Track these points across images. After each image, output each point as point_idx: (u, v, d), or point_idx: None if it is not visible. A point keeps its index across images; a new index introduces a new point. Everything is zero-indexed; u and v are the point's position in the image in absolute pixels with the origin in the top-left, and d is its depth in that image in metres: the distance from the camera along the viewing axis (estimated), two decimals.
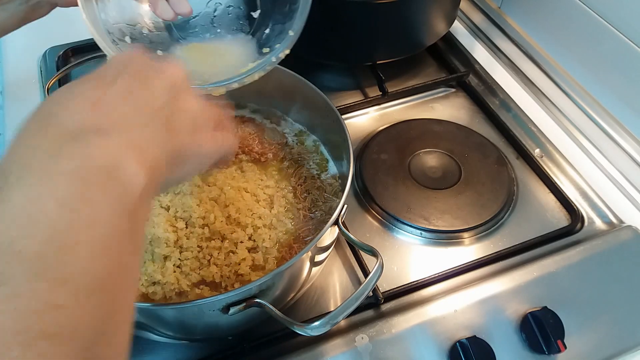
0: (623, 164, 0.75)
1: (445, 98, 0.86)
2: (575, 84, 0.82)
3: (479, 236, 0.67)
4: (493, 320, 0.57)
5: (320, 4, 0.54)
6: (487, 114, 0.82)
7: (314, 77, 0.65)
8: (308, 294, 0.61)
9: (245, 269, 0.54)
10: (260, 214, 0.59)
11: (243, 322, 0.53)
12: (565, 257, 0.62)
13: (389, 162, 0.73)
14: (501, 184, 0.71)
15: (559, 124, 0.81)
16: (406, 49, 0.85)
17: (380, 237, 0.67)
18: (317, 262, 0.57)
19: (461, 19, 0.99)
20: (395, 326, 0.56)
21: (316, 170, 0.66)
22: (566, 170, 0.74)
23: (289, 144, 0.68)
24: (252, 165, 0.65)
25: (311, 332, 0.45)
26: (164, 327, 0.52)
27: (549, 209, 0.70)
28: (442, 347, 0.55)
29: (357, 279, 0.63)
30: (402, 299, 0.61)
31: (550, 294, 0.59)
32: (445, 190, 0.70)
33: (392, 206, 0.68)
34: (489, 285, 0.60)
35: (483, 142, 0.76)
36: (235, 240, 0.56)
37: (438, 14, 0.84)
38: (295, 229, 0.59)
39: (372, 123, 0.81)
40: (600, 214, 0.69)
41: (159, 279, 0.53)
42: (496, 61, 0.91)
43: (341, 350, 0.55)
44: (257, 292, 0.47)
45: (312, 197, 0.62)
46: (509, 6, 0.94)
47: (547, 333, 0.54)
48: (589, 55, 0.79)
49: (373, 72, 0.84)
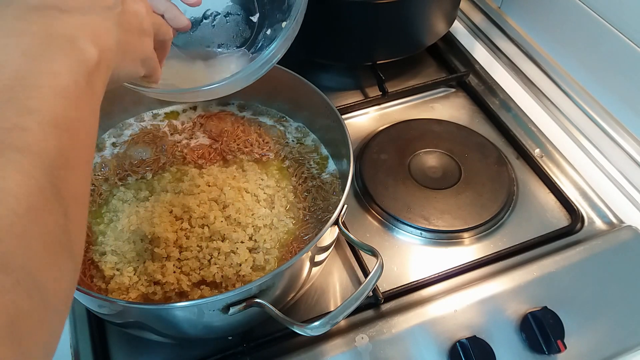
0: (623, 164, 0.75)
1: (445, 98, 0.86)
2: (575, 84, 0.82)
3: (479, 236, 0.67)
4: (493, 320, 0.57)
5: (320, 3, 0.54)
6: (487, 114, 0.82)
7: (314, 77, 0.65)
8: (308, 294, 0.61)
9: (246, 270, 0.54)
10: (261, 214, 0.59)
11: (243, 322, 0.53)
12: (565, 257, 0.62)
13: (389, 162, 0.73)
14: (501, 184, 0.71)
15: (559, 124, 0.81)
16: (406, 49, 0.86)
17: (380, 237, 0.67)
18: (317, 262, 0.57)
19: (461, 19, 0.99)
20: (395, 326, 0.56)
21: (316, 170, 0.66)
22: (566, 170, 0.74)
23: (289, 144, 0.68)
24: (253, 165, 0.65)
25: (311, 332, 0.45)
26: (164, 327, 0.52)
27: (549, 209, 0.70)
28: (442, 347, 0.55)
29: (357, 279, 0.63)
30: (402, 299, 0.61)
31: (550, 294, 0.59)
32: (445, 190, 0.70)
33: (392, 206, 0.68)
34: (489, 285, 0.60)
35: (483, 142, 0.76)
36: (236, 240, 0.56)
37: (438, 14, 0.84)
38: (296, 229, 0.59)
39: (372, 123, 0.81)
40: (600, 214, 0.69)
41: (159, 279, 0.53)
42: (496, 61, 0.91)
43: (341, 350, 0.55)
44: (257, 292, 0.47)
45: (312, 197, 0.62)
46: (509, 6, 0.94)
47: (547, 333, 0.54)
48: (589, 55, 0.79)
49: (373, 72, 0.84)
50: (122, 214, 0.58)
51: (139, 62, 0.39)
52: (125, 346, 0.58)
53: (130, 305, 0.47)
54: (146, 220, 0.57)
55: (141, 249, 0.55)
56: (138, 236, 0.56)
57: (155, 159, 0.65)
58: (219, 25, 0.57)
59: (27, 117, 0.25)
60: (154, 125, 0.70)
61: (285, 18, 0.53)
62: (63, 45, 0.29)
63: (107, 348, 0.58)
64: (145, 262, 0.54)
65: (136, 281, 0.53)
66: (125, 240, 0.56)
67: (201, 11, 0.57)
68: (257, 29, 0.57)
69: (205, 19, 0.57)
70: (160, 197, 0.60)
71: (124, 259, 0.55)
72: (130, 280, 0.53)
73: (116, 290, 0.53)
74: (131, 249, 0.55)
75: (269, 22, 0.56)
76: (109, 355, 0.57)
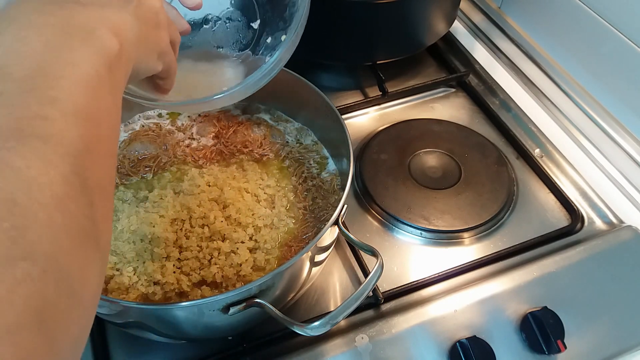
0: (623, 164, 0.75)
1: (445, 98, 0.86)
2: (575, 84, 0.82)
3: (479, 236, 0.67)
4: (493, 320, 0.57)
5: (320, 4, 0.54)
6: (487, 114, 0.82)
7: (314, 77, 0.65)
8: (308, 294, 0.61)
9: (246, 270, 0.54)
10: (262, 214, 0.59)
11: (243, 322, 0.53)
12: (565, 257, 0.62)
13: (389, 162, 0.73)
14: (501, 184, 0.71)
15: (559, 124, 0.81)
16: (406, 49, 0.86)
17: (380, 237, 0.67)
18: (317, 262, 0.57)
19: (461, 19, 0.99)
20: (395, 326, 0.56)
21: (316, 169, 0.66)
22: (566, 170, 0.74)
23: (289, 144, 0.68)
24: (254, 164, 0.65)
25: (311, 332, 0.45)
26: (164, 327, 0.52)
27: (549, 209, 0.70)
28: (442, 347, 0.55)
29: (357, 279, 0.63)
30: (402, 299, 0.61)
31: (550, 294, 0.59)
32: (445, 190, 0.70)
33: (392, 206, 0.68)
34: (489, 285, 0.60)
35: (483, 142, 0.76)
36: (236, 240, 0.56)
37: (438, 14, 0.84)
38: (296, 228, 0.59)
39: (372, 123, 0.81)
40: (600, 214, 0.69)
41: (159, 279, 0.53)
42: (496, 61, 0.91)
43: (341, 350, 0.55)
44: (257, 292, 0.47)
45: (312, 196, 0.62)
46: (509, 6, 0.94)
47: (547, 333, 0.54)
48: (589, 55, 0.79)
49: (373, 72, 0.84)
50: (122, 214, 0.58)
51: (156, 56, 0.38)
52: (125, 346, 0.58)
53: (130, 305, 0.47)
54: (146, 220, 0.57)
55: (141, 249, 0.55)
56: (138, 236, 0.56)
57: (155, 158, 0.65)
58: (219, 31, 0.57)
59: (49, 106, 0.25)
60: (156, 124, 0.70)
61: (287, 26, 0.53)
62: (84, 36, 0.29)
63: (107, 348, 0.58)
64: (145, 262, 0.54)
65: (136, 281, 0.53)
66: (125, 240, 0.56)
67: (201, 16, 0.56)
68: (257, 35, 0.56)
69: (205, 24, 0.57)
70: (160, 197, 0.60)
71: (124, 259, 0.55)
72: (130, 280, 0.53)
73: (116, 290, 0.53)
74: (131, 249, 0.55)
75: (269, 29, 0.56)
76: (109, 355, 0.57)
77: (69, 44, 0.28)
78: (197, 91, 0.51)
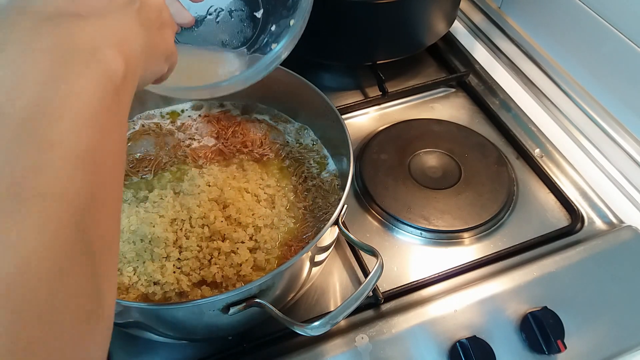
0: (623, 164, 0.75)
1: (445, 98, 0.86)
2: (575, 84, 0.82)
3: (479, 236, 0.67)
4: (493, 320, 0.57)
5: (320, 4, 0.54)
6: (487, 114, 0.82)
7: (314, 77, 0.65)
8: (308, 294, 0.61)
9: (246, 269, 0.54)
10: (262, 214, 0.59)
11: (243, 322, 0.53)
12: (565, 257, 0.62)
13: (389, 162, 0.73)
14: (501, 184, 0.71)
15: (559, 124, 0.81)
16: (406, 49, 0.86)
17: (380, 237, 0.67)
18: (317, 262, 0.57)
19: (461, 19, 0.99)
20: (395, 326, 0.56)
21: (316, 169, 0.66)
22: (566, 170, 0.74)
23: (289, 144, 0.68)
24: (254, 164, 0.65)
25: (311, 332, 0.45)
26: (164, 327, 0.52)
27: (549, 209, 0.70)
28: (442, 347, 0.55)
29: (357, 279, 0.63)
30: (402, 299, 0.61)
31: (550, 294, 0.59)
32: (445, 190, 0.70)
33: (392, 206, 0.68)
34: (489, 285, 0.60)
35: (483, 142, 0.76)
36: (237, 240, 0.56)
37: (438, 14, 0.84)
38: (296, 228, 0.59)
39: (372, 123, 0.81)
40: (600, 214, 0.69)
41: (159, 279, 0.53)
42: (496, 61, 0.91)
43: (341, 350, 0.55)
44: (257, 292, 0.47)
45: (312, 196, 0.62)
46: (509, 6, 0.94)
47: (547, 333, 0.54)
48: (589, 55, 0.79)
49: (373, 72, 0.84)
50: (122, 214, 0.58)
51: (164, 59, 0.37)
52: (125, 346, 0.58)
53: (130, 305, 0.47)
54: (146, 220, 0.57)
55: (141, 249, 0.55)
56: (138, 236, 0.56)
57: (155, 158, 0.65)
58: (223, 22, 0.57)
59: (49, 153, 0.23)
60: (156, 124, 0.70)
61: (290, 15, 0.53)
62: (85, 59, 0.26)
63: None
64: (145, 262, 0.54)
65: (136, 281, 0.53)
66: (124, 241, 0.56)
67: (205, 7, 0.56)
68: (261, 25, 0.56)
69: (209, 15, 0.57)
70: (160, 197, 0.60)
71: (124, 259, 0.55)
72: (129, 280, 0.53)
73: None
74: (131, 249, 0.55)
75: (273, 18, 0.56)
76: (109, 355, 0.57)
77: (69, 71, 0.25)
78: (202, 78, 0.51)
